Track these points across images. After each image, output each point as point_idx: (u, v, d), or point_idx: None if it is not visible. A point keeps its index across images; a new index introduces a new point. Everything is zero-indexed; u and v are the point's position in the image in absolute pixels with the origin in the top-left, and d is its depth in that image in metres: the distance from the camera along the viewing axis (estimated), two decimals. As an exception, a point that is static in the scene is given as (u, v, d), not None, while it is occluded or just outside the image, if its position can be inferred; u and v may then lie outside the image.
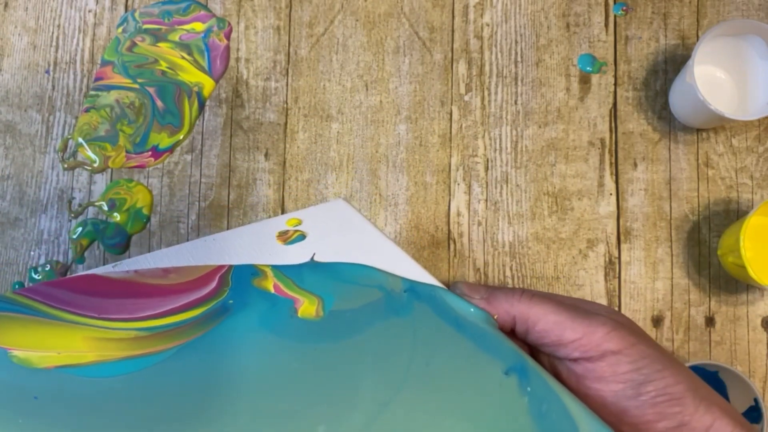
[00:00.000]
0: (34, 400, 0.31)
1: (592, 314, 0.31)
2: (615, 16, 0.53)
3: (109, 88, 0.53)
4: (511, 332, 0.33)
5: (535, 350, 0.33)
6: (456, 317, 0.33)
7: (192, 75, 0.53)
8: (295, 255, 0.37)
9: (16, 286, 0.51)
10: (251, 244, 0.38)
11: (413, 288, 0.35)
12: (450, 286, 0.35)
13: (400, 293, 0.35)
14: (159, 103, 0.52)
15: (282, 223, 0.39)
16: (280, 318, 0.35)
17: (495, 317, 0.33)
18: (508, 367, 0.31)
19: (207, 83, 0.53)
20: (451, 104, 0.53)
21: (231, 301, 0.36)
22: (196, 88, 0.53)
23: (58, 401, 0.31)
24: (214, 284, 0.37)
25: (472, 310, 0.33)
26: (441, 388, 0.31)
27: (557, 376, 0.32)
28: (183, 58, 0.53)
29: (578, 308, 0.31)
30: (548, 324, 0.31)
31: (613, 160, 0.52)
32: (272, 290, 0.36)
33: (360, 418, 0.30)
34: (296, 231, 0.39)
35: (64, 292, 0.36)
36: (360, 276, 0.36)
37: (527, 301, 0.32)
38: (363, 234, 0.38)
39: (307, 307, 0.35)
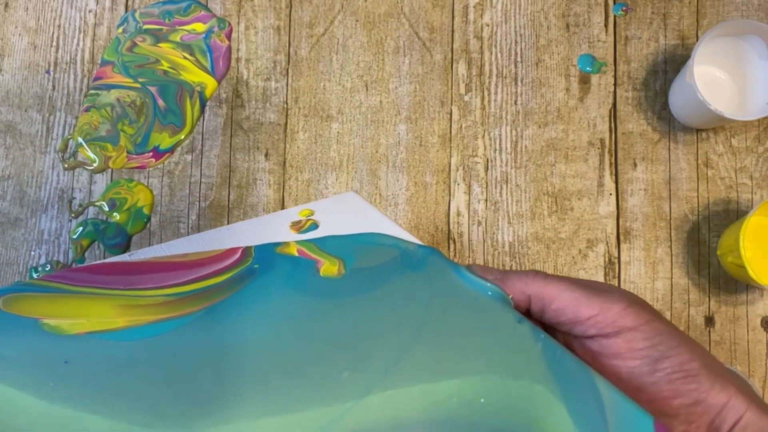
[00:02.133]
0: (65, 364, 0.31)
1: (606, 292, 0.31)
2: (615, 17, 0.53)
3: (110, 87, 0.53)
4: (526, 312, 0.33)
5: (550, 330, 0.33)
6: (466, 275, 0.34)
7: (195, 75, 0.53)
8: None
9: (17, 286, 0.51)
10: (265, 233, 0.40)
11: (427, 247, 0.37)
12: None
13: (416, 250, 0.37)
14: (160, 103, 0.52)
15: (294, 213, 0.41)
16: (303, 277, 0.36)
17: (510, 297, 0.33)
18: (520, 316, 0.32)
19: (210, 83, 0.53)
20: (451, 104, 0.53)
21: (256, 266, 0.37)
22: (198, 88, 0.53)
23: (89, 364, 0.31)
24: (237, 255, 0.39)
25: (488, 287, 0.33)
26: (457, 333, 0.32)
27: (573, 353, 0.32)
28: (185, 58, 0.53)
29: (592, 287, 0.32)
30: (564, 301, 0.31)
31: (613, 160, 0.52)
32: (296, 254, 0.38)
33: (381, 363, 0.30)
34: (309, 220, 0.40)
35: (86, 275, 0.37)
36: (378, 239, 0.38)
37: (542, 280, 0.32)
38: (375, 223, 0.40)
39: (329, 267, 0.36)
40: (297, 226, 0.39)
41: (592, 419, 0.28)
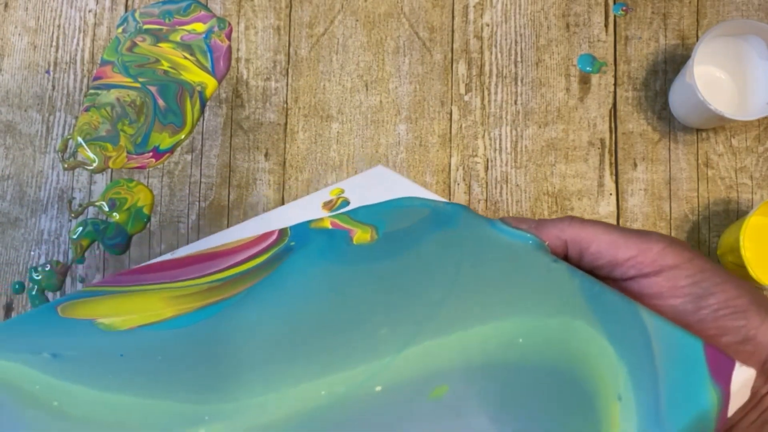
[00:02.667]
0: (120, 357, 0.33)
1: (644, 233, 0.30)
2: (615, 16, 0.53)
3: (110, 86, 0.53)
4: (564, 259, 0.33)
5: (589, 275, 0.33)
6: (501, 227, 0.34)
7: (195, 75, 0.53)
8: None
9: (17, 287, 0.51)
10: (299, 216, 0.41)
11: (456, 204, 0.37)
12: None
13: (445, 207, 0.38)
14: (161, 102, 0.52)
15: (325, 194, 0.42)
16: (338, 247, 0.37)
17: (546, 244, 0.32)
18: (555, 258, 0.32)
19: (210, 83, 0.53)
20: (451, 104, 0.53)
21: (293, 243, 0.39)
22: (198, 88, 0.53)
23: (142, 354, 0.33)
24: (274, 236, 0.40)
25: (525, 236, 0.33)
26: (490, 279, 0.32)
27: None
28: (186, 58, 0.53)
29: (630, 230, 0.31)
30: (602, 244, 0.30)
31: (613, 160, 0.52)
32: (329, 226, 0.39)
33: (417, 317, 0.31)
34: (340, 198, 0.42)
35: (134, 276, 0.40)
36: (408, 202, 0.40)
37: (578, 224, 0.31)
38: (406, 192, 0.41)
39: (362, 235, 0.38)
40: (329, 206, 0.41)
41: (635, 348, 0.27)
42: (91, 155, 0.52)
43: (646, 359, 0.27)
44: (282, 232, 0.41)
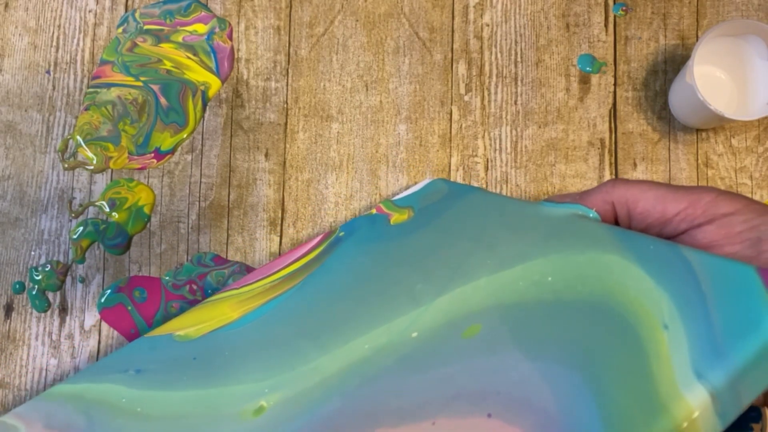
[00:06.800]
0: (194, 360, 0.37)
1: (693, 186, 0.29)
2: (615, 16, 0.53)
3: (109, 85, 0.53)
4: (614, 224, 0.31)
5: None
6: (545, 204, 0.35)
7: (199, 74, 0.53)
8: None
9: (17, 287, 0.51)
10: None
11: (473, 186, 0.42)
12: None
13: (463, 185, 0.42)
14: (163, 101, 0.52)
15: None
16: (378, 229, 0.42)
17: (594, 210, 0.32)
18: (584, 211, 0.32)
19: (214, 84, 0.53)
20: (451, 104, 0.53)
21: (341, 234, 0.43)
22: (202, 87, 0.53)
23: (213, 354, 0.37)
24: (324, 233, 0.45)
25: (576, 205, 0.33)
26: (518, 227, 0.33)
27: None
28: (189, 58, 0.53)
29: (676, 185, 0.29)
30: (649, 201, 0.29)
31: (613, 161, 0.52)
32: (374, 212, 0.44)
33: (448, 269, 0.33)
34: None
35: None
36: (437, 183, 0.44)
37: (623, 184, 0.30)
38: None
39: (399, 217, 0.42)
40: None
41: (676, 277, 0.25)
42: (91, 155, 0.52)
43: (691, 288, 0.25)
44: (333, 230, 0.45)
